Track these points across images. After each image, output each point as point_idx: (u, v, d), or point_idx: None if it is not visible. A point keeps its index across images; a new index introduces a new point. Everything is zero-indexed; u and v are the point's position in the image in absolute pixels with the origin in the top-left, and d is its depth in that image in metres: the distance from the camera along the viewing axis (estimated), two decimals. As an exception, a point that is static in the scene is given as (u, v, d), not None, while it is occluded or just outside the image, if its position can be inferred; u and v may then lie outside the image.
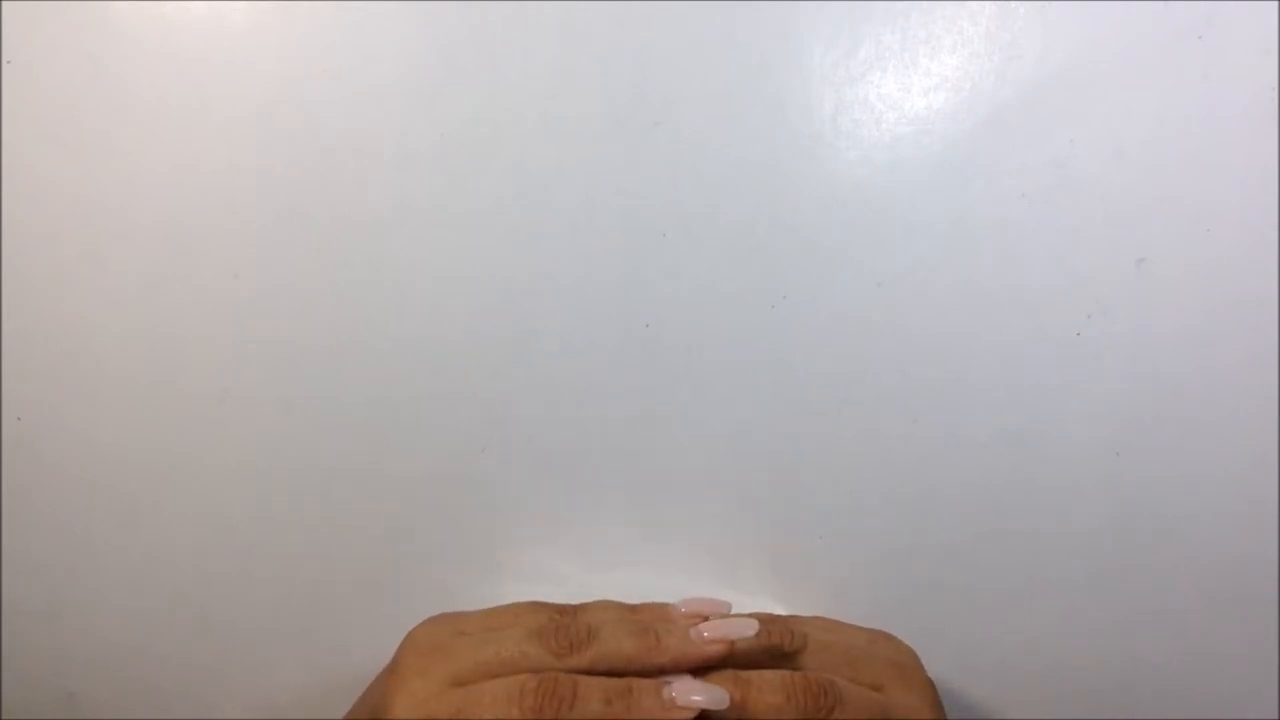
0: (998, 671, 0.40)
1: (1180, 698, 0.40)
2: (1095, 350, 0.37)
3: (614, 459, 0.40)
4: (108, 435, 0.39)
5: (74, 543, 0.40)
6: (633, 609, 0.31)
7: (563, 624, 0.29)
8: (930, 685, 0.31)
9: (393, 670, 0.29)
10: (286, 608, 0.41)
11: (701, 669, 0.29)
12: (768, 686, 0.28)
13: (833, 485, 0.39)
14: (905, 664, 0.31)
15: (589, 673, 0.28)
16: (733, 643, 0.28)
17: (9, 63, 0.36)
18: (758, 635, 0.30)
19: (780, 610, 0.39)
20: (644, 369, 0.39)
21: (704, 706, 0.27)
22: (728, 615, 0.30)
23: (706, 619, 0.30)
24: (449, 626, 0.30)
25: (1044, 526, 0.39)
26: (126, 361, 0.38)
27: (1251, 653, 0.39)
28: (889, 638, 0.33)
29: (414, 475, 0.40)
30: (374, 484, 0.40)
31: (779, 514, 0.40)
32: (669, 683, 0.28)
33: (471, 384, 0.39)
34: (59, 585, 0.40)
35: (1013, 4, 0.35)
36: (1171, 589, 0.39)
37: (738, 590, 0.41)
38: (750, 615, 0.32)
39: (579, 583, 0.40)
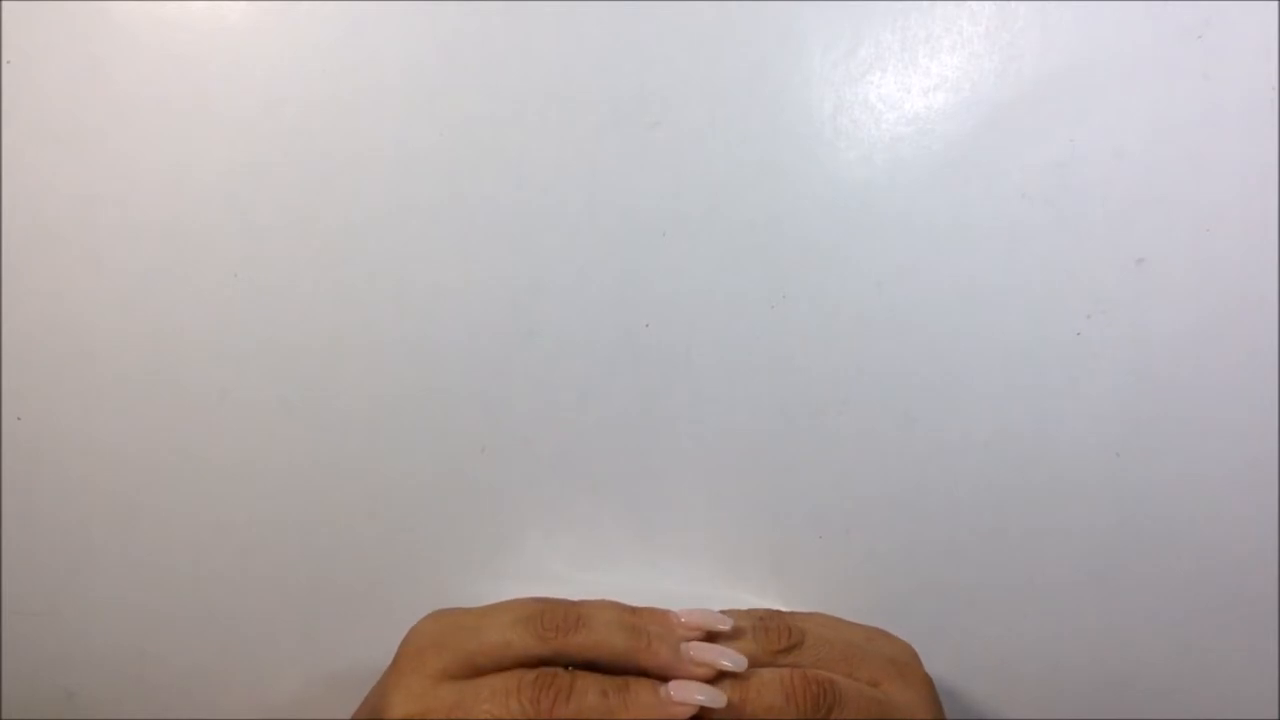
0: (998, 671, 0.40)
1: (1180, 698, 0.40)
2: (1095, 350, 0.37)
3: (614, 459, 0.40)
4: (108, 435, 0.39)
5: (74, 543, 0.40)
6: (633, 611, 0.31)
7: (552, 609, 0.29)
8: (928, 681, 0.31)
9: (392, 668, 0.29)
10: (286, 608, 0.41)
11: None
12: (766, 687, 0.28)
13: (833, 485, 0.39)
14: (903, 660, 0.31)
15: (575, 660, 0.28)
16: (719, 671, 0.28)
17: (9, 63, 0.36)
18: (757, 631, 0.30)
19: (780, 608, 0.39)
20: (644, 369, 0.39)
21: (702, 704, 0.27)
22: (723, 632, 0.30)
23: (705, 633, 0.29)
24: (446, 621, 0.30)
25: (1044, 526, 0.39)
26: (126, 361, 0.38)
27: (1251, 653, 0.39)
28: (886, 634, 0.33)
29: (414, 475, 0.40)
30: (374, 484, 0.40)
31: (779, 514, 0.40)
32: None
33: (471, 384, 0.39)
34: (59, 585, 0.40)
35: (1013, 4, 0.35)
36: (1171, 589, 0.39)
37: (738, 590, 0.41)
38: (749, 611, 0.32)
39: (578, 582, 0.41)
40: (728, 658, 0.28)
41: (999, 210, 0.36)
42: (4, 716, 0.42)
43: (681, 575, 0.41)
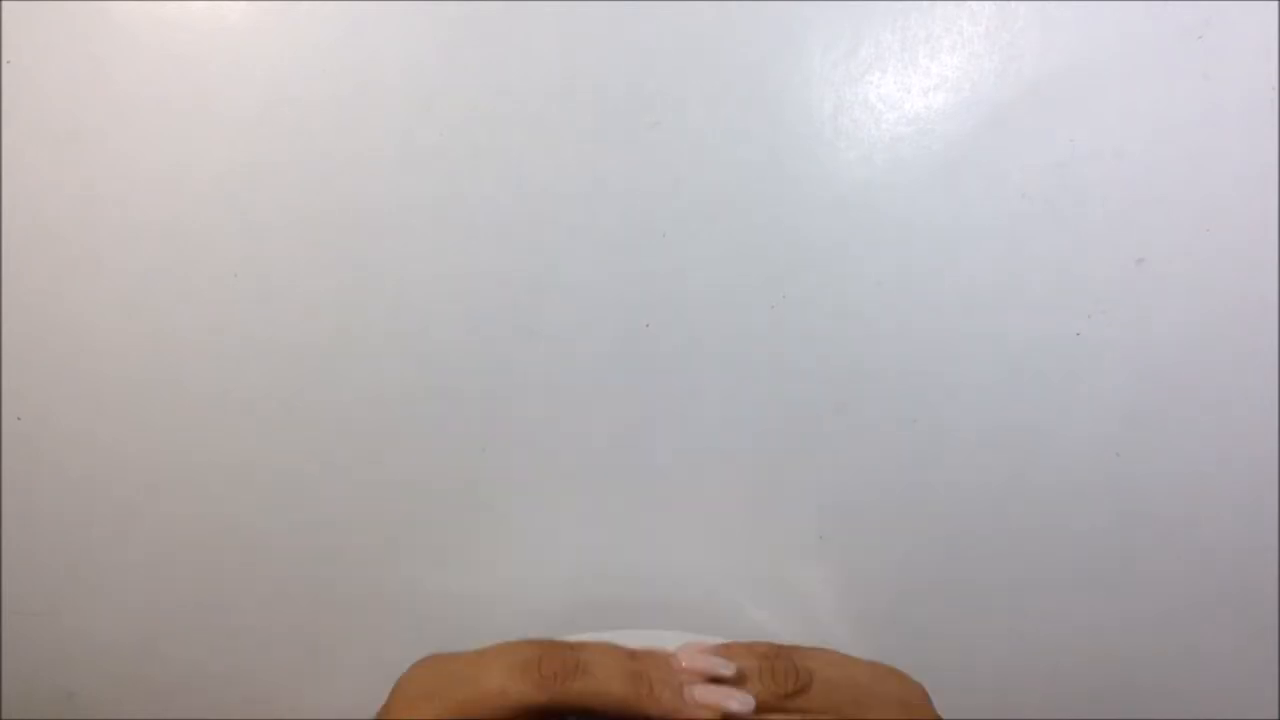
0: (998, 671, 0.40)
1: (1180, 698, 0.40)
2: (1095, 350, 0.37)
3: (614, 458, 0.40)
4: (108, 435, 0.39)
5: (74, 543, 0.40)
6: (632, 655, 0.30)
7: (551, 654, 0.28)
8: None
9: (387, 716, 0.29)
10: (286, 608, 0.41)
11: None
12: None
13: (833, 485, 0.39)
14: (914, 703, 0.30)
15: (574, 707, 0.27)
16: (723, 714, 0.28)
17: (9, 63, 0.36)
18: (763, 674, 0.29)
19: (780, 610, 0.39)
20: (644, 369, 0.39)
21: None
22: (726, 677, 0.29)
23: (707, 678, 0.29)
24: (440, 669, 0.29)
25: (1044, 526, 0.39)
26: (126, 361, 0.38)
27: (1251, 653, 0.39)
28: (895, 674, 0.32)
29: (414, 475, 0.40)
30: (374, 484, 0.40)
31: (779, 514, 0.40)
32: None
33: (472, 383, 0.39)
34: (59, 585, 0.40)
35: (1013, 4, 0.35)
36: (1171, 588, 0.39)
37: (737, 589, 0.41)
38: (751, 646, 0.31)
39: (578, 582, 0.41)
40: (735, 699, 0.28)
41: (999, 210, 0.36)
42: (4, 716, 0.42)
43: (680, 574, 0.41)
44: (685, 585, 0.41)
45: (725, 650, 0.29)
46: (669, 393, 0.39)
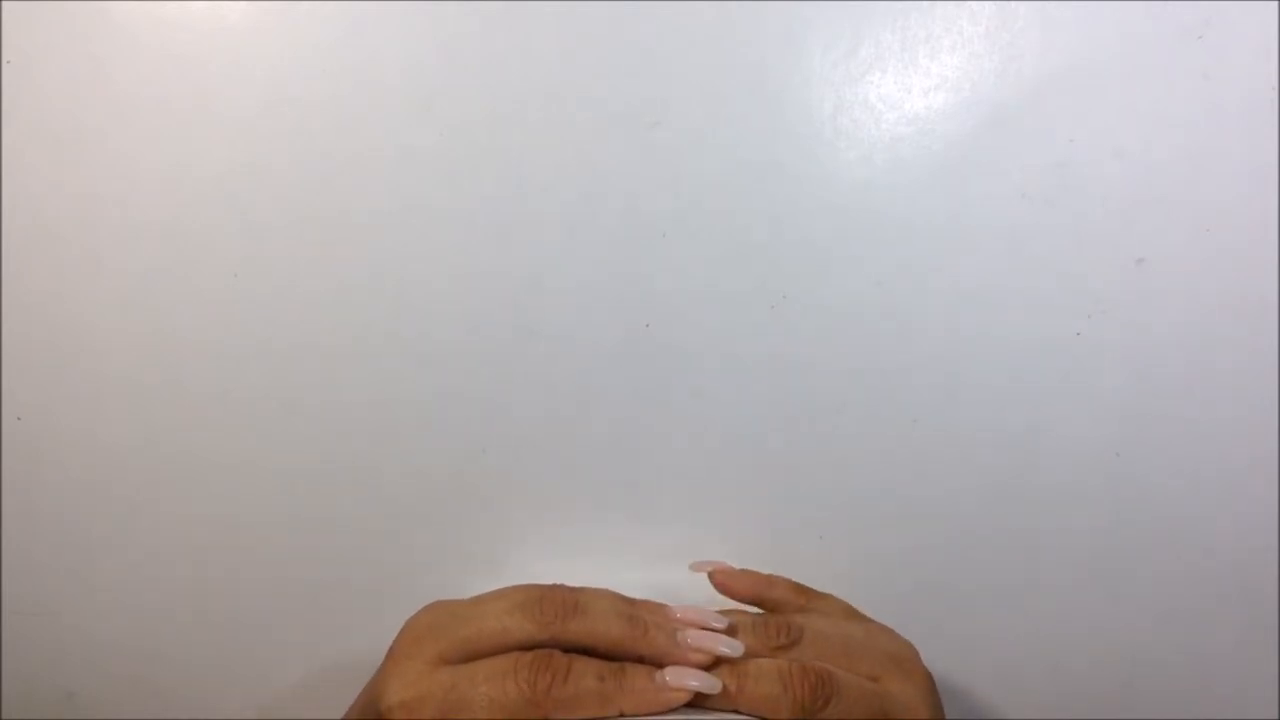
0: (997, 671, 0.40)
1: (1180, 698, 0.40)
2: (1095, 350, 0.37)
3: (614, 459, 0.40)
4: (108, 435, 0.39)
5: (74, 543, 0.40)
6: (630, 601, 0.31)
7: (551, 595, 0.29)
8: (928, 677, 0.31)
9: (389, 656, 0.29)
10: (286, 608, 0.41)
11: None
12: (764, 676, 0.28)
13: (833, 485, 0.39)
14: (903, 655, 0.31)
15: (572, 646, 0.28)
16: (715, 658, 0.28)
17: (9, 63, 0.36)
18: (755, 628, 0.30)
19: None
20: (644, 369, 0.39)
21: (697, 690, 0.27)
22: (718, 629, 0.29)
23: (701, 627, 0.29)
24: (443, 610, 0.30)
25: (1044, 526, 0.39)
26: (126, 361, 0.38)
27: (1251, 653, 0.39)
28: (887, 631, 0.33)
29: (414, 475, 0.40)
30: (374, 484, 0.40)
31: (779, 514, 0.40)
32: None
33: (472, 384, 0.39)
34: (59, 585, 0.40)
35: (1013, 4, 0.35)
36: (1171, 589, 0.39)
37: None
38: (745, 613, 0.32)
39: (578, 583, 0.40)
40: (725, 644, 0.28)
41: (999, 210, 0.36)
42: (4, 716, 0.42)
43: (681, 575, 0.41)
44: (684, 586, 0.41)
45: (722, 612, 0.31)
46: (669, 393, 0.39)
